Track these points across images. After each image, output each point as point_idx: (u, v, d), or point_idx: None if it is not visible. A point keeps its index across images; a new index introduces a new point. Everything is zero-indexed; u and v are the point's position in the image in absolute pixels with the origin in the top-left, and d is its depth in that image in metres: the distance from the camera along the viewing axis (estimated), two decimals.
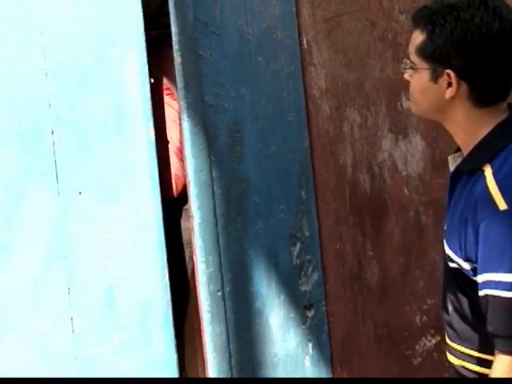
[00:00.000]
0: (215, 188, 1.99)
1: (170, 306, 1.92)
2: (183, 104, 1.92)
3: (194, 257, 1.98)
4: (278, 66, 2.22)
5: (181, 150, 2.37)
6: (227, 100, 2.05)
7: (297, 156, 2.25)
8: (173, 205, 2.40)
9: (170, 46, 2.46)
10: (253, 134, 2.14)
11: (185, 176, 2.39)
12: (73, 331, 1.84)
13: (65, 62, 1.83)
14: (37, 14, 1.82)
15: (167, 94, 2.39)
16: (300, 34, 2.28)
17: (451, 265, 1.41)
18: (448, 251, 1.40)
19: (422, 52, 1.35)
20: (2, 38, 1.80)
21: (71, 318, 1.85)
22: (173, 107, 2.39)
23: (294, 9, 2.28)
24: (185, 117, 1.92)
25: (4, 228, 1.81)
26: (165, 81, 2.38)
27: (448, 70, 1.33)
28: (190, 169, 1.94)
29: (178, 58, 1.92)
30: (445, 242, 1.42)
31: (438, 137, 2.35)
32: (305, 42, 2.30)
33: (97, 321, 1.87)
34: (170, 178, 2.31)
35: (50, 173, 1.83)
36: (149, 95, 1.87)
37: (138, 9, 1.88)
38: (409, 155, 2.42)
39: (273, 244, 2.15)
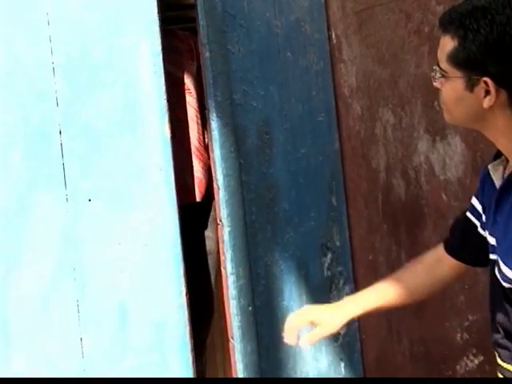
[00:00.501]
0: (245, 194, 1.93)
1: (188, 328, 1.87)
2: (211, 102, 1.86)
3: (222, 269, 1.91)
4: (307, 62, 2.20)
5: (200, 151, 2.32)
6: (256, 98, 2.02)
7: (327, 159, 2.22)
8: (197, 210, 2.34)
9: (183, 39, 2.42)
10: (282, 136, 2.10)
11: (207, 178, 2.34)
12: (82, 356, 1.80)
13: (73, 53, 1.80)
14: (43, 2, 1.78)
15: (183, 89, 2.33)
16: (329, 28, 2.26)
17: (507, 285, 1.34)
18: (506, 270, 1.33)
19: (455, 59, 1.30)
20: (6, 30, 1.77)
21: (80, 339, 1.81)
22: (191, 105, 2.33)
23: (323, 0, 2.24)
24: (213, 116, 1.86)
25: (11, 238, 1.78)
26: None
27: (485, 78, 1.27)
28: (219, 173, 1.89)
29: (206, 53, 1.88)
30: (499, 259, 1.34)
31: (478, 138, 2.29)
32: (334, 36, 2.26)
33: (108, 343, 1.82)
34: (193, 181, 2.26)
35: (57, 177, 1.79)
36: (163, 88, 1.83)
37: None
38: (447, 158, 2.37)
39: (303, 254, 2.11)
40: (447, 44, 1.30)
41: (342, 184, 2.23)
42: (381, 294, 1.58)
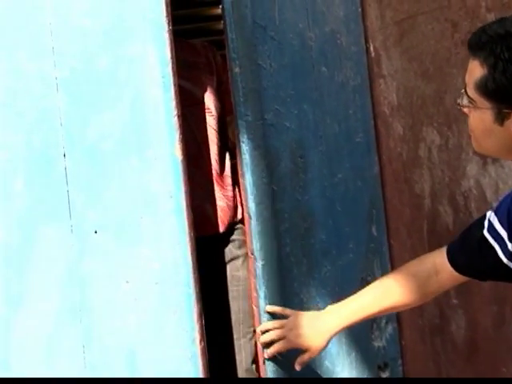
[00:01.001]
0: (278, 224, 1.82)
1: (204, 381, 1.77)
2: (241, 123, 1.79)
3: (254, 307, 1.81)
4: (343, 77, 2.15)
5: (220, 176, 2.22)
6: (289, 118, 1.97)
7: (366, 185, 2.15)
8: (220, 242, 2.24)
9: (200, 52, 2.33)
10: (317, 159, 2.04)
11: (230, 207, 2.23)
12: None
13: (76, 66, 1.75)
14: (45, 11, 1.74)
15: (202, 109, 2.25)
16: (367, 40, 2.22)
17: None
18: None
19: (483, 89, 1.26)
20: (6, 43, 1.73)
21: None
22: (211, 126, 2.24)
23: (360, 9, 2.20)
24: (244, 138, 1.78)
25: (12, 275, 1.72)
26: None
27: None
28: (251, 201, 1.82)
29: (235, 69, 1.82)
30: None
31: None
32: (372, 48, 2.22)
33: None
34: (215, 210, 2.16)
35: (62, 206, 1.73)
36: (173, 103, 1.74)
37: None
38: (500, 182, 2.29)
39: (342, 290, 2.03)
40: (476, 70, 1.26)
41: (382, 212, 2.16)
42: (368, 304, 1.65)
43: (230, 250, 2.34)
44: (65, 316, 1.73)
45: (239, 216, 2.32)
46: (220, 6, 1.86)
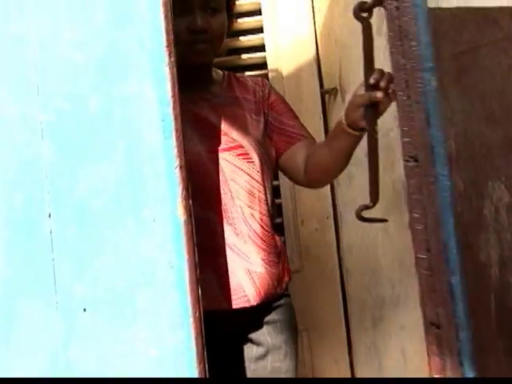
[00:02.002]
0: None
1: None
2: None
3: None
4: None
5: (266, 235, 2.01)
6: None
7: None
8: (245, 316, 1.99)
9: (246, 88, 2.17)
10: None
11: (272, 274, 2.01)
12: None
13: (64, 108, 1.61)
14: (30, 42, 1.62)
15: (239, 155, 2.03)
16: None
17: None
18: None
19: None
20: None
21: None
22: (253, 177, 2.03)
23: None
24: None
25: None
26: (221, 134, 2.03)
27: None
28: None
29: None
30: None
31: None
32: None
33: None
34: (250, 279, 1.99)
35: (46, 278, 1.58)
36: (174, 150, 1.55)
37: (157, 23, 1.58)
38: None
39: None
40: None
41: None
42: None
43: (269, 334, 2.05)
44: None
45: (284, 286, 2.06)
46: None
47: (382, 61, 2.20)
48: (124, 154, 1.57)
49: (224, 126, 2.02)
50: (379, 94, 1.71)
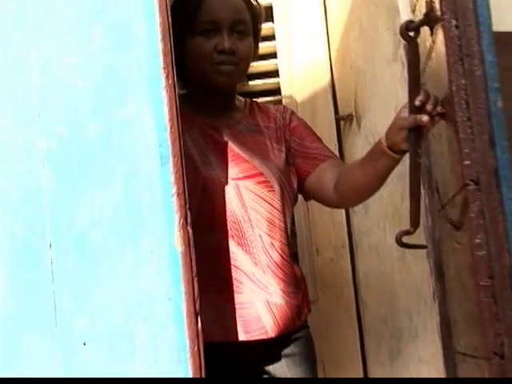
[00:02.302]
0: None
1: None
2: None
3: None
4: None
5: (285, 265, 1.95)
6: None
7: None
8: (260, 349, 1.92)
9: (267, 116, 2.13)
10: None
11: (291, 306, 1.93)
12: None
13: (64, 135, 1.57)
14: (30, 67, 1.58)
15: (259, 183, 1.96)
16: None
17: None
18: None
19: None
20: None
21: None
22: (274, 206, 1.97)
23: None
24: None
25: None
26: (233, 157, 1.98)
27: None
28: None
29: None
30: None
31: None
32: None
33: None
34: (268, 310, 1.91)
35: (47, 310, 1.53)
36: (171, 177, 1.49)
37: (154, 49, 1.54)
38: None
39: None
40: None
41: None
42: None
43: (288, 367, 1.97)
44: None
45: (303, 318, 1.99)
46: None
47: (398, 87, 2.10)
48: (122, 181, 1.52)
49: (245, 154, 1.96)
50: (425, 118, 1.59)
